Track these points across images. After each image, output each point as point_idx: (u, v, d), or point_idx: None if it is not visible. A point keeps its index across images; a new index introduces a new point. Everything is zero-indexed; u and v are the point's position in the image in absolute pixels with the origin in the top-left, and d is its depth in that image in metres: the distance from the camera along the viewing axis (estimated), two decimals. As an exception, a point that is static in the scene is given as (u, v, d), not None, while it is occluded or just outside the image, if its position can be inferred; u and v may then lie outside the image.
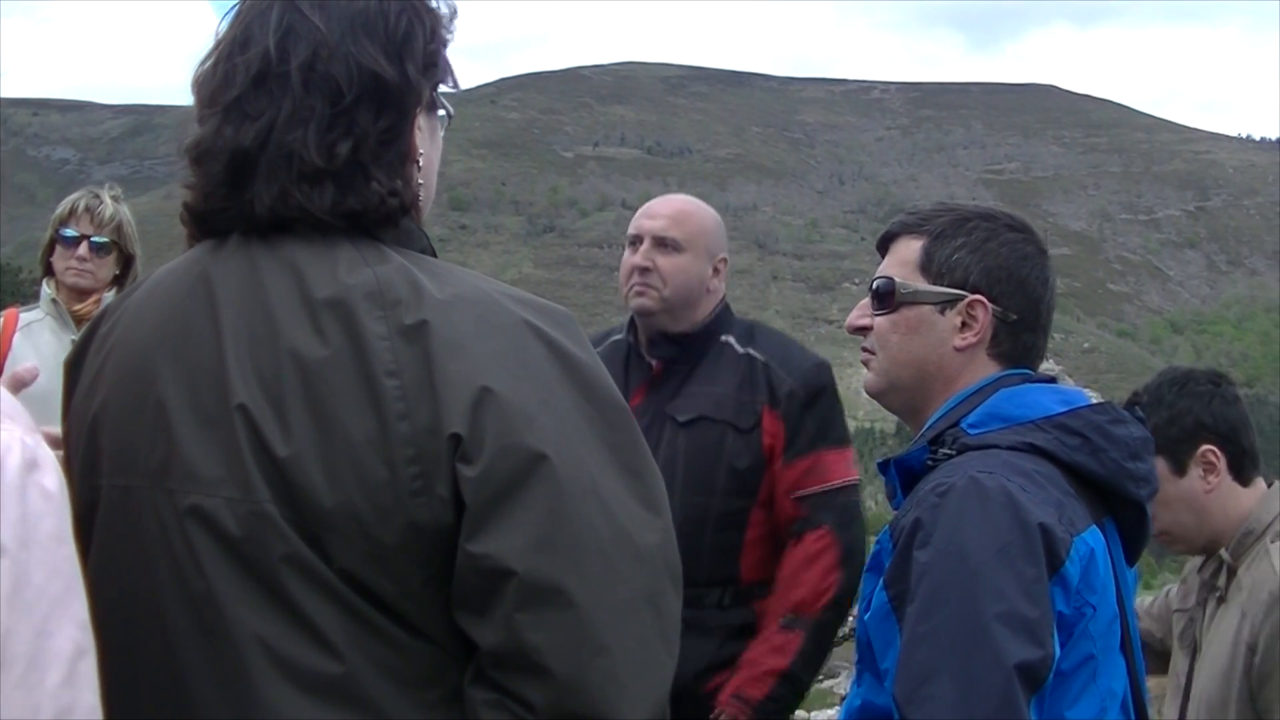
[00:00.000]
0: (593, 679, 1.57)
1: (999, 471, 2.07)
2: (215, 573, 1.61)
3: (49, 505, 1.35)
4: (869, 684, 2.17)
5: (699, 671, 3.50)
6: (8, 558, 1.29)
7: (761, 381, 3.60)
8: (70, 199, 4.53)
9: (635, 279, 3.68)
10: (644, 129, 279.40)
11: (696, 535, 3.47)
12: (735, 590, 3.57)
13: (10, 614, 1.28)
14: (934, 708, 1.94)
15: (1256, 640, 3.03)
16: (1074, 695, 2.07)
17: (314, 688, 1.59)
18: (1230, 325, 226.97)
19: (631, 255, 3.70)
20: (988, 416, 2.21)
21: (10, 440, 1.34)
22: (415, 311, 1.62)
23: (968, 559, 1.99)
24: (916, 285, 2.29)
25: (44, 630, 1.31)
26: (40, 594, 1.32)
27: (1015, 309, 2.28)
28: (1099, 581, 2.10)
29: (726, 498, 3.54)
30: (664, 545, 1.68)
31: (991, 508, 2.02)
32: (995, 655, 1.93)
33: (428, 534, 1.59)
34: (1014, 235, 2.31)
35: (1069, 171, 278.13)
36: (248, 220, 1.71)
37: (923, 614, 2.00)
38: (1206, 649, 3.25)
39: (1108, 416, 2.22)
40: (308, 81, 1.68)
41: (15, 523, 1.31)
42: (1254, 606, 3.06)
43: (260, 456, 1.61)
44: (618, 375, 3.66)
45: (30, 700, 1.28)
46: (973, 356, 2.28)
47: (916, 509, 2.09)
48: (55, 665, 1.32)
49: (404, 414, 1.58)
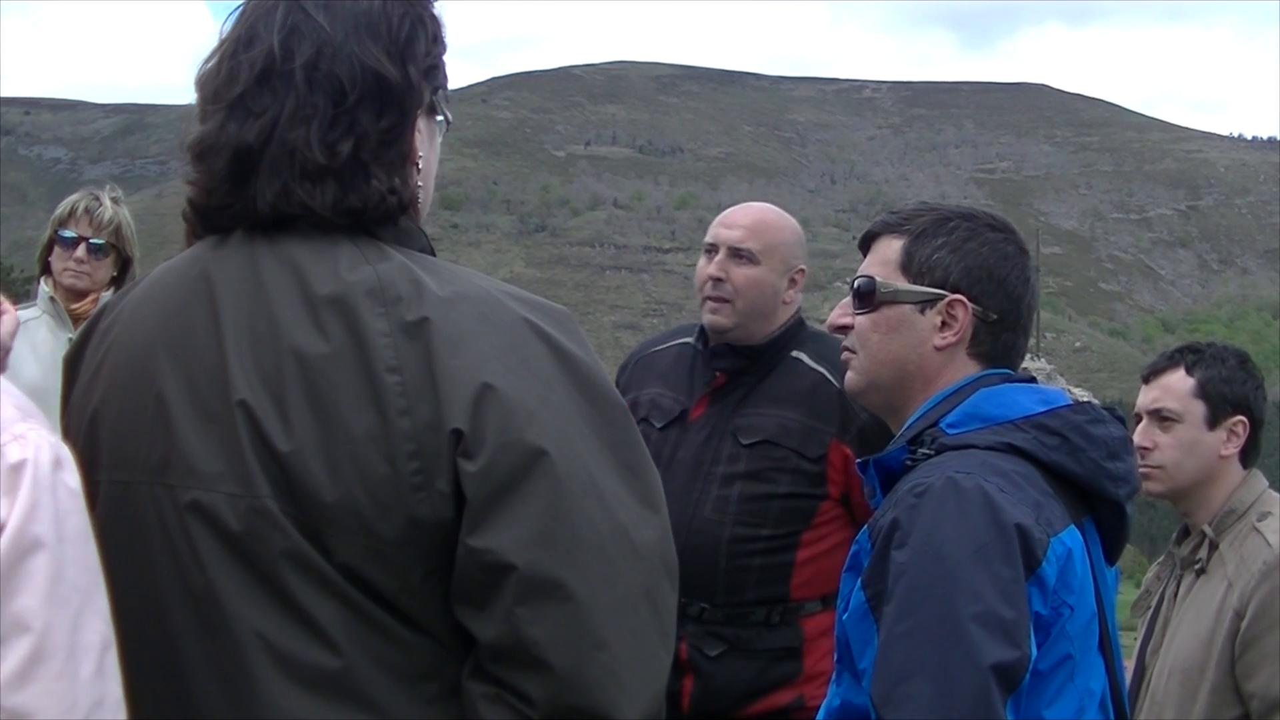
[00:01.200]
0: (591, 673, 1.58)
1: (976, 472, 2.08)
2: (215, 568, 1.62)
3: (75, 502, 1.40)
4: (848, 684, 2.17)
5: (741, 695, 3.47)
6: (46, 552, 1.34)
7: (834, 410, 3.49)
8: (70, 200, 4.52)
9: (709, 289, 3.60)
10: (635, 128, 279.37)
11: (746, 557, 3.45)
12: (784, 608, 3.49)
13: (50, 607, 1.32)
14: (910, 708, 1.94)
15: (1245, 606, 3.15)
16: (1052, 695, 2.07)
17: (313, 682, 1.60)
18: (1222, 324, 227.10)
19: (706, 264, 3.63)
20: (966, 416, 2.21)
21: (39, 440, 1.39)
22: (416, 308, 1.63)
23: (945, 559, 2.00)
24: (897, 284, 2.29)
25: (77, 624, 1.35)
26: (73, 588, 1.36)
27: (995, 309, 2.28)
28: (1076, 581, 2.10)
29: (780, 523, 3.47)
30: (661, 542, 1.68)
31: (968, 508, 2.02)
32: (971, 656, 1.93)
33: (428, 529, 1.60)
34: (995, 235, 2.31)
35: (1060, 170, 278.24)
36: (250, 217, 1.71)
37: (899, 614, 2.01)
38: (1181, 618, 3.35)
39: (1086, 416, 2.22)
40: (311, 80, 1.69)
41: (50, 519, 1.35)
42: (1244, 576, 3.19)
43: (261, 452, 1.62)
44: (681, 382, 3.66)
45: (69, 692, 1.32)
46: (952, 356, 2.28)
47: (894, 509, 2.09)
48: (88, 658, 1.36)
49: (405, 410, 1.59)
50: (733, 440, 3.52)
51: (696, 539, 3.40)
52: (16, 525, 1.34)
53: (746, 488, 3.47)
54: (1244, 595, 3.17)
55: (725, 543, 3.45)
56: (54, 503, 1.37)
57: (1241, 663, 3.14)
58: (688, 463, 3.52)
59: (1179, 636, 3.33)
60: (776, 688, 3.47)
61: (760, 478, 3.48)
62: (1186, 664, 3.25)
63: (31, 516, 1.36)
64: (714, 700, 3.46)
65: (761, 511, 3.46)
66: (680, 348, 3.75)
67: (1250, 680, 3.12)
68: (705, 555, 3.42)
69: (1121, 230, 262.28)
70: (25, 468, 1.37)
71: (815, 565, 3.48)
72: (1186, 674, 3.24)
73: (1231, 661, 3.16)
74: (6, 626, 1.32)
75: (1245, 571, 3.20)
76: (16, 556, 1.34)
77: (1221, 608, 3.21)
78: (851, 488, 3.45)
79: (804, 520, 3.47)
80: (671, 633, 1.69)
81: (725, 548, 3.45)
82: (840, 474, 3.47)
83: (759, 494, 3.47)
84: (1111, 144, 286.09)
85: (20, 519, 1.35)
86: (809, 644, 3.48)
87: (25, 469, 1.37)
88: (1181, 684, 3.25)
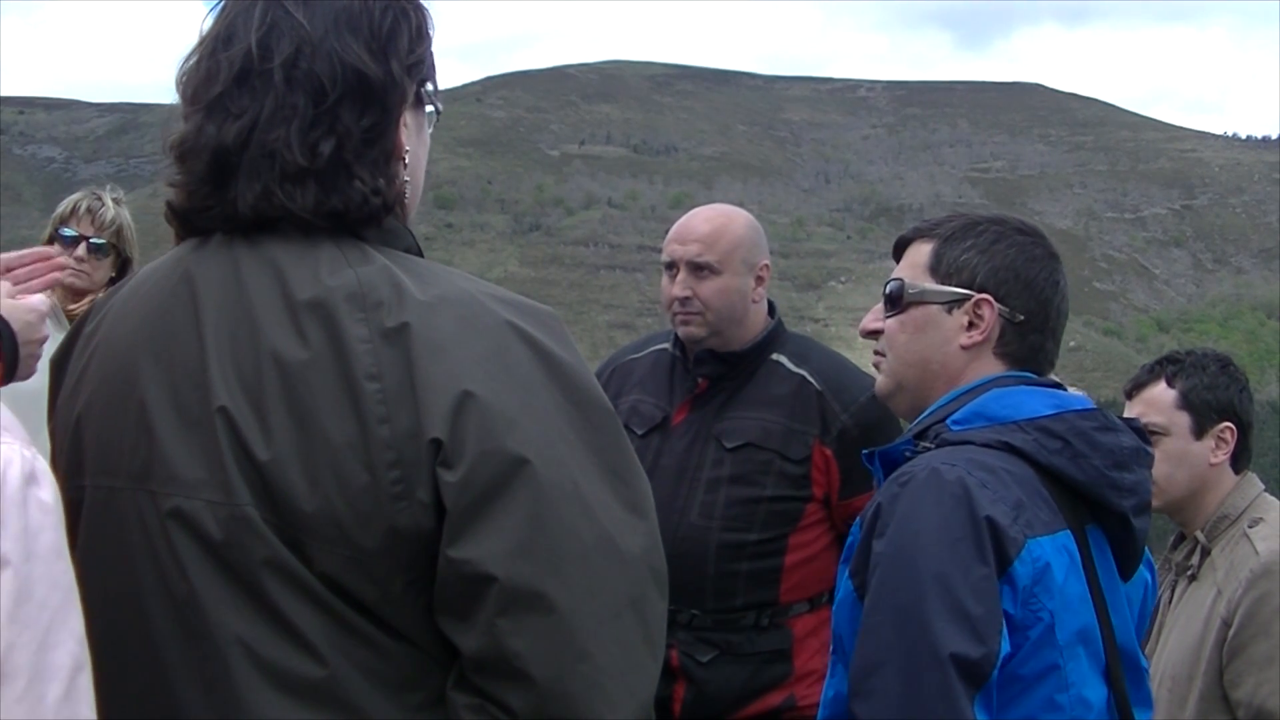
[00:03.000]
0: (574, 685, 1.57)
1: (961, 464, 2.08)
2: (197, 575, 1.61)
3: (47, 519, 1.35)
4: (841, 675, 2.16)
5: (734, 699, 3.48)
6: (10, 570, 1.29)
7: (814, 412, 3.49)
8: (72, 199, 4.50)
9: (677, 308, 3.57)
10: (630, 127, 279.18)
11: (735, 562, 3.45)
12: (773, 610, 3.50)
13: (12, 627, 1.27)
14: (876, 701, 1.95)
15: (1233, 615, 3.14)
16: (1039, 704, 2.06)
17: (296, 691, 1.59)
18: (1216, 324, 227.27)
19: (670, 284, 3.59)
20: (973, 414, 2.21)
21: (10, 454, 1.34)
22: (397, 314, 1.61)
23: (917, 551, 2.00)
24: (924, 285, 2.31)
25: (45, 644, 1.31)
26: (42, 607, 1.31)
27: (1022, 309, 2.28)
28: (1058, 588, 2.07)
29: (766, 527, 3.47)
30: (647, 548, 1.66)
31: (945, 499, 2.03)
32: (933, 648, 1.93)
33: (408, 539, 1.58)
34: (1023, 239, 2.33)
35: (1055, 170, 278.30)
36: (231, 219, 1.69)
37: (872, 605, 2.02)
38: (1174, 624, 3.36)
39: (1095, 423, 2.21)
40: (291, 79, 1.67)
41: (17, 536, 1.30)
42: (1232, 583, 3.19)
43: (241, 459, 1.60)
44: (661, 388, 3.65)
45: (33, 716, 1.27)
46: (977, 355, 2.28)
47: (880, 495, 2.11)
48: (56, 680, 1.31)
49: (385, 418, 1.57)
50: (716, 445, 3.52)
51: (684, 545, 3.39)
52: None
53: (732, 492, 3.47)
54: (1231, 603, 3.16)
55: (713, 548, 3.45)
56: (23, 519, 1.33)
57: (1229, 670, 3.14)
58: (672, 469, 3.52)
59: (1171, 643, 3.33)
60: (768, 690, 3.48)
61: (745, 481, 3.47)
62: (1177, 670, 3.25)
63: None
64: (706, 706, 3.46)
65: (748, 515, 3.46)
66: (657, 354, 3.73)
67: (1237, 688, 3.12)
68: (694, 561, 3.42)
69: (1116, 230, 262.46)
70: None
71: (804, 569, 3.49)
72: (1176, 680, 3.24)
73: (1220, 669, 3.16)
74: None
75: (1233, 579, 3.20)
76: None
77: (1210, 615, 3.21)
78: (832, 489, 3.48)
79: (790, 523, 3.47)
80: (659, 641, 1.66)
81: (714, 553, 3.45)
82: (823, 475, 3.48)
83: (745, 498, 3.46)
84: (1106, 143, 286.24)
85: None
86: (798, 644, 3.50)
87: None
88: (1171, 690, 3.25)
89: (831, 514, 3.51)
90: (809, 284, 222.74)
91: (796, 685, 3.49)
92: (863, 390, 3.45)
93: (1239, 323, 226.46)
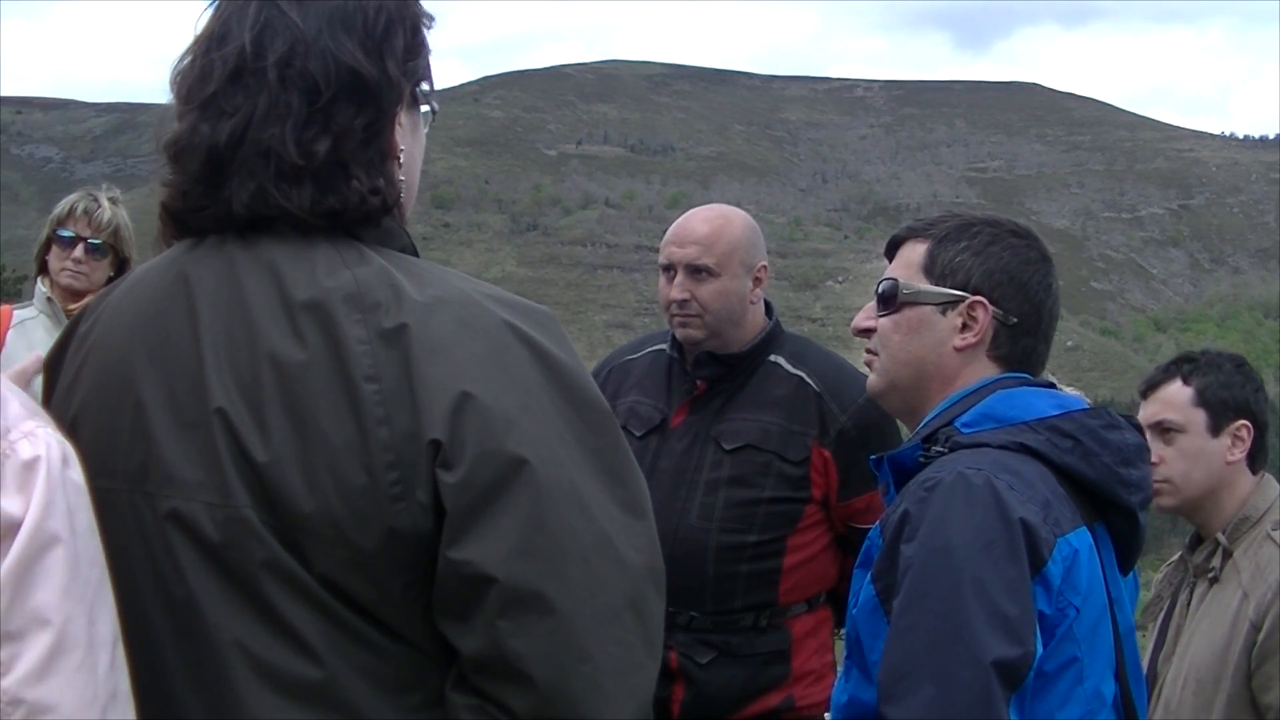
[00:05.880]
0: (574, 686, 1.57)
1: (987, 468, 2.08)
2: (195, 577, 1.61)
3: (81, 498, 1.43)
4: (856, 679, 2.17)
5: (733, 701, 3.48)
6: (63, 547, 1.36)
7: (813, 414, 3.49)
8: (69, 199, 4.54)
9: (675, 310, 3.56)
10: (627, 127, 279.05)
11: (734, 564, 3.46)
12: (772, 612, 3.50)
13: (68, 601, 1.35)
14: (911, 705, 1.95)
15: (1262, 618, 3.13)
16: (1060, 698, 2.07)
17: (294, 692, 1.59)
18: (1213, 323, 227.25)
19: (667, 286, 3.58)
20: (981, 416, 2.22)
21: (48, 437, 1.41)
22: (395, 315, 1.61)
23: (951, 554, 2.01)
24: (919, 286, 2.32)
25: (93, 617, 1.37)
26: (87, 583, 1.38)
27: (1016, 312, 2.29)
28: (1083, 583, 2.10)
29: (765, 528, 3.46)
30: (646, 549, 1.65)
31: (977, 503, 2.03)
32: (973, 653, 1.93)
33: (407, 540, 1.58)
34: (1017, 241, 2.34)
35: (1052, 169, 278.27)
36: (225, 220, 1.69)
37: (904, 608, 2.02)
38: (1195, 627, 3.33)
39: (1101, 421, 2.24)
40: (284, 78, 1.66)
41: (65, 514, 1.38)
42: (1260, 587, 3.17)
43: (238, 461, 1.60)
44: (659, 390, 3.64)
45: (89, 684, 1.34)
46: (972, 357, 2.30)
47: (905, 502, 2.11)
48: (104, 650, 1.38)
49: (383, 419, 1.57)
50: (715, 446, 3.51)
51: (683, 547, 3.39)
52: (34, 521, 1.36)
53: (731, 493, 3.47)
54: (1260, 607, 3.15)
55: (712, 550, 3.45)
56: (66, 498, 1.39)
57: (1259, 675, 3.12)
58: (670, 470, 3.52)
59: (1194, 646, 3.30)
60: (766, 691, 3.48)
61: (744, 483, 3.47)
62: (1201, 674, 3.23)
63: (48, 512, 1.38)
64: (705, 707, 3.47)
65: (747, 517, 3.45)
66: (654, 355, 3.72)
67: (1268, 692, 3.10)
68: (693, 563, 3.42)
69: (1113, 229, 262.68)
70: (39, 464, 1.39)
71: (803, 570, 3.49)
72: (1201, 684, 3.22)
73: (1248, 673, 3.14)
74: (27, 621, 1.34)
75: (1261, 582, 3.19)
76: (35, 552, 1.36)
77: (1237, 618, 3.19)
78: (831, 490, 3.48)
79: (789, 525, 3.47)
80: (658, 642, 1.67)
81: (713, 555, 3.45)
82: (822, 476, 3.48)
83: (744, 499, 3.46)
84: (1103, 143, 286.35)
85: (38, 515, 1.37)
86: (797, 645, 3.51)
87: (39, 466, 1.39)
88: (1196, 694, 3.23)
89: (830, 515, 3.51)
90: (806, 284, 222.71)
91: (795, 686, 3.50)
92: (861, 391, 3.37)
93: (1236, 322, 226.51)
